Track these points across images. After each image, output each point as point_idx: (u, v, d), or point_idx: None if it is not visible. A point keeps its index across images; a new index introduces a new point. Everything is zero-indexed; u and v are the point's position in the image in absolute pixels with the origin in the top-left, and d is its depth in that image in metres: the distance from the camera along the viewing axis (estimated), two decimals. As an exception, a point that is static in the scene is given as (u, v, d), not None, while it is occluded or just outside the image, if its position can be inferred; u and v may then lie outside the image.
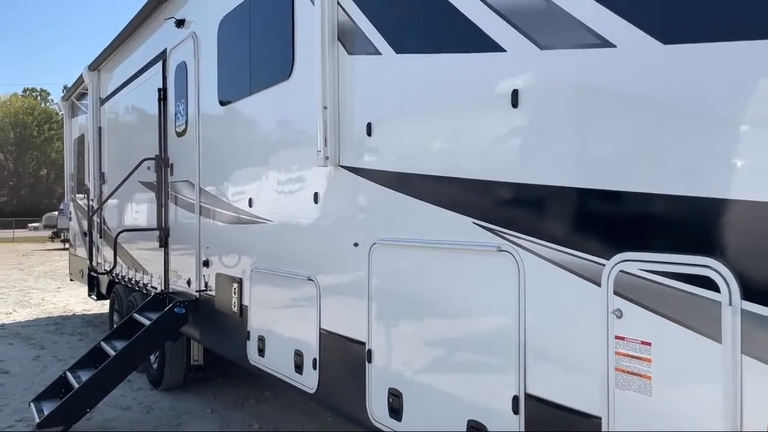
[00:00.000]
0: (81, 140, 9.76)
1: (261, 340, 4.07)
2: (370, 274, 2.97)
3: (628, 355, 1.80)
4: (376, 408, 2.93)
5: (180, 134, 5.53)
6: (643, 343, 1.76)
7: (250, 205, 4.23)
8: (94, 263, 7.28)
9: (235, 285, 4.43)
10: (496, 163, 2.26)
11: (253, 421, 5.27)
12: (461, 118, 2.44)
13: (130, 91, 7.05)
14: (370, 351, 2.96)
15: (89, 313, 11.13)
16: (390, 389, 2.83)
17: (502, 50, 2.22)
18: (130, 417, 5.47)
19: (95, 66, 8.36)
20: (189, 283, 5.34)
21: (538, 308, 2.11)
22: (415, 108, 2.72)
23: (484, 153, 2.31)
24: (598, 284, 1.88)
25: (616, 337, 1.84)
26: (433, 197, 2.58)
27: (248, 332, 4.22)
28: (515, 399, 2.17)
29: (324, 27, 3.21)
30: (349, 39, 3.13)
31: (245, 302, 4.31)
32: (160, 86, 5.91)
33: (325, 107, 3.20)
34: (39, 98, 75.86)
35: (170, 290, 5.74)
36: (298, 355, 3.59)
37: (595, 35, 1.90)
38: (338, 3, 3.19)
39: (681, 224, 1.67)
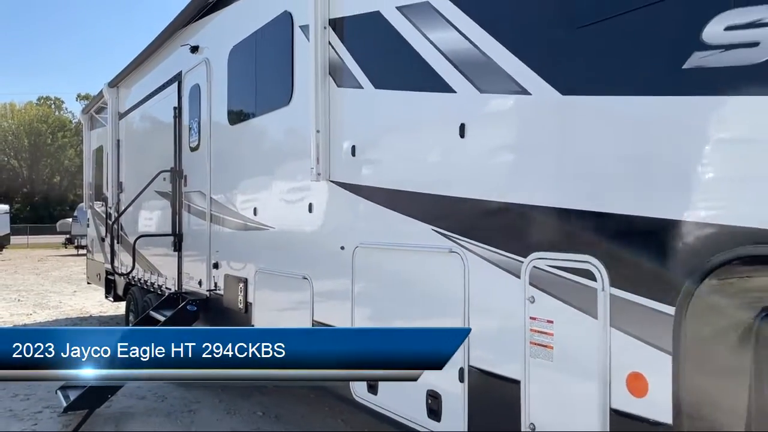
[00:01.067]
0: (99, 151, 10.42)
1: (263, 332, 4.63)
2: (354, 273, 3.53)
3: (538, 331, 2.35)
4: (358, 387, 3.49)
5: (193, 149, 6.13)
6: (548, 321, 2.31)
7: (255, 214, 4.81)
8: (114, 266, 7.88)
9: (241, 284, 5.00)
10: (447, 181, 2.82)
11: (258, 409, 5.82)
12: (423, 144, 3.01)
13: (148, 107, 7.68)
14: (352, 337, 3.52)
15: (105, 314, 11.74)
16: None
17: (453, 91, 2.79)
18: (146, 405, 6.04)
19: (114, 83, 9.01)
20: (200, 283, 5.92)
21: (478, 297, 2.66)
22: (389, 134, 3.29)
23: (439, 173, 2.87)
24: (519, 277, 2.43)
25: (530, 318, 2.38)
26: (403, 208, 3.14)
27: (252, 325, 4.79)
28: (461, 370, 2.72)
29: (317, 63, 3.79)
30: (338, 74, 3.71)
31: (250, 300, 4.88)
32: (176, 105, 6.52)
33: (318, 131, 3.77)
34: (53, 106, 77.04)
35: (183, 290, 6.32)
36: (295, 344, 4.15)
37: (518, 84, 2.46)
38: (329, 43, 3.77)
39: (570, 231, 2.22)
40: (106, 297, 9.91)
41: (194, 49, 6.05)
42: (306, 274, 4.04)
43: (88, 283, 12.12)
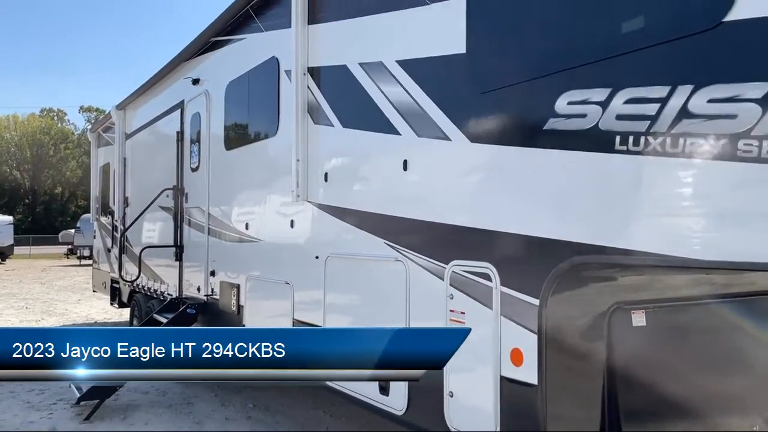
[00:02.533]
0: (106, 168, 11.20)
1: (253, 330, 5.37)
2: (326, 278, 4.27)
3: (455, 321, 3.09)
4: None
5: (194, 169, 6.89)
6: (461, 312, 3.05)
7: (247, 228, 5.57)
8: (121, 274, 8.62)
9: (234, 290, 5.74)
10: (395, 204, 3.57)
11: (249, 402, 6.53)
12: (377, 174, 3.77)
13: (153, 130, 8.46)
14: (324, 331, 4.26)
15: (109, 321, 12.46)
16: (336, 357, 4.11)
17: (399, 134, 3.55)
18: (150, 399, 6.75)
19: (122, 106, 9.80)
20: (199, 289, 6.66)
21: (416, 295, 3.40)
22: (352, 165, 4.05)
23: (389, 197, 3.63)
24: (443, 279, 3.17)
25: (450, 310, 3.12)
26: (363, 225, 3.89)
27: (243, 325, 5.52)
28: (404, 354, 3.45)
29: (298, 102, 4.55)
30: (314, 113, 4.47)
31: (242, 303, 5.62)
32: (179, 130, 7.29)
33: (298, 160, 4.53)
34: (56, 118, 77.83)
35: (183, 296, 7.06)
36: (278, 339, 4.88)
37: (442, 132, 3.21)
38: (308, 86, 4.54)
39: (475, 244, 2.97)
40: (111, 304, 10.63)
41: (195, 81, 6.83)
42: (288, 279, 4.79)
43: (94, 291, 12.85)
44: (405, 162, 3.49)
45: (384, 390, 3.60)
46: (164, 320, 6.64)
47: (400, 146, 3.54)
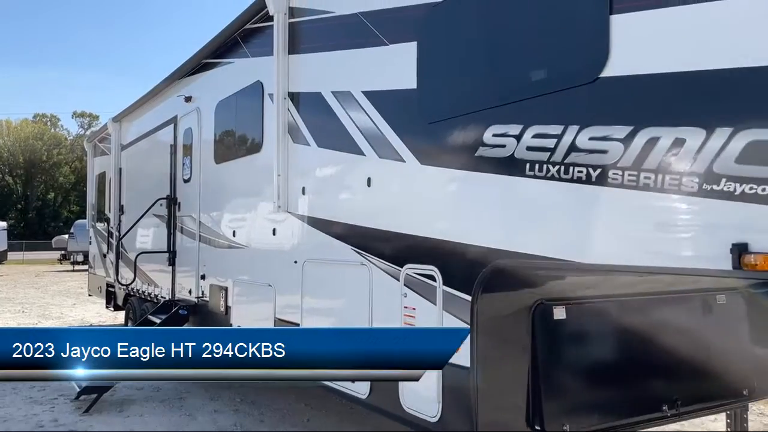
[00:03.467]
0: (102, 176, 11.70)
1: (239, 328, 5.90)
2: (303, 280, 4.81)
3: (408, 315, 3.63)
4: (305, 363, 4.74)
5: (186, 181, 7.42)
6: (412, 308, 3.59)
7: (234, 235, 6.10)
8: (117, 279, 9.13)
9: (223, 292, 6.27)
10: (360, 216, 4.12)
11: (237, 396, 7.04)
12: (346, 189, 4.32)
13: (147, 142, 8.98)
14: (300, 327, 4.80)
15: (104, 323, 12.93)
16: (312, 350, 4.65)
17: (364, 155, 4.10)
18: (144, 394, 7.25)
19: (118, 118, 10.32)
20: (190, 292, 7.17)
21: (377, 294, 3.94)
22: (325, 180, 4.60)
23: (355, 210, 4.17)
24: (398, 280, 3.72)
25: (404, 306, 3.67)
26: (334, 234, 4.43)
27: (231, 324, 6.05)
28: (367, 345, 3.98)
29: (279, 123, 5.09)
30: (293, 133, 5.01)
31: (229, 303, 6.14)
32: (172, 143, 7.82)
33: (279, 174, 5.07)
34: (49, 123, 77.93)
35: (176, 298, 7.57)
36: (262, 336, 5.42)
37: (398, 155, 3.76)
38: (288, 109, 5.09)
39: (423, 250, 3.52)
40: (107, 307, 11.12)
41: (188, 98, 7.37)
42: (270, 282, 5.32)
43: (90, 295, 13.31)
44: (369, 179, 4.04)
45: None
46: (158, 320, 7.15)
47: (365, 165, 4.09)
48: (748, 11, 2.21)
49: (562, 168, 2.68)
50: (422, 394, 3.50)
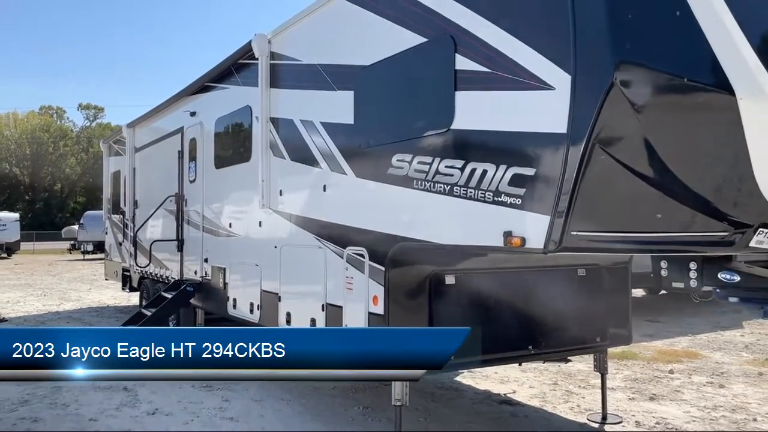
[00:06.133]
0: (116, 174, 13.30)
1: (234, 300, 7.50)
2: (281, 261, 6.39)
3: (348, 283, 5.20)
4: (282, 321, 6.33)
5: (192, 181, 9.00)
6: (351, 278, 5.16)
7: (230, 226, 7.68)
8: (136, 263, 10.76)
9: (222, 271, 7.85)
10: (318, 212, 5.69)
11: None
12: (310, 193, 5.89)
13: (158, 147, 10.55)
14: (279, 296, 6.38)
15: (120, 305, 14.57)
16: (287, 312, 6.24)
17: (321, 168, 5.66)
18: (158, 356, 8.86)
19: (132, 125, 11.90)
20: (195, 273, 8.77)
21: (330, 269, 5.51)
22: (296, 186, 6.17)
23: (315, 207, 5.74)
24: (343, 258, 5.29)
25: (346, 277, 5.23)
26: (302, 225, 6.00)
27: (228, 297, 7.65)
28: (324, 306, 5.57)
29: (262, 141, 6.65)
30: (274, 149, 6.57)
31: (227, 281, 7.74)
32: (180, 149, 9.39)
33: (263, 180, 6.63)
34: (55, 115, 79.22)
35: (184, 278, 9.16)
36: (251, 304, 7.01)
37: (342, 169, 5.32)
38: (270, 130, 6.64)
39: (357, 236, 5.08)
40: (123, 289, 12.75)
41: (193, 113, 8.93)
42: (257, 262, 6.91)
43: (106, 279, 14.94)
44: (324, 186, 5.61)
45: (313, 329, 5.73)
46: (169, 296, 8.76)
47: (322, 176, 5.66)
48: (534, 101, 3.71)
49: (431, 184, 4.24)
50: (357, 336, 5.09)
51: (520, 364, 7.66)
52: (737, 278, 3.65)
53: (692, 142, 3.11)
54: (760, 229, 3.29)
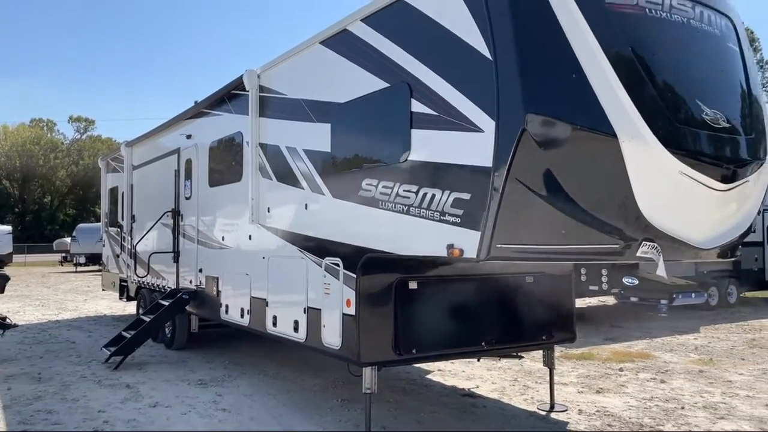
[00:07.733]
0: (114, 190, 14.08)
1: (227, 306, 8.31)
2: (268, 270, 7.21)
3: (325, 290, 6.04)
4: (269, 324, 7.14)
5: (187, 198, 9.82)
6: (328, 284, 6.00)
7: (223, 239, 8.50)
8: (133, 274, 11.51)
9: (215, 280, 8.66)
10: (301, 227, 6.53)
11: (227, 360, 9.43)
12: (294, 210, 6.74)
13: (155, 166, 11.37)
14: (267, 301, 7.20)
15: (116, 314, 15.29)
16: (274, 316, 7.06)
17: (303, 189, 6.51)
18: (156, 359, 9.63)
19: (130, 144, 12.71)
20: (191, 282, 9.57)
21: (311, 278, 6.35)
22: (281, 204, 7.02)
23: (298, 223, 6.59)
24: (321, 267, 6.13)
25: (324, 284, 6.07)
26: (287, 239, 6.84)
27: (221, 303, 8.45)
28: (305, 309, 6.40)
29: (252, 163, 7.50)
30: (262, 170, 7.42)
31: (220, 289, 8.55)
32: (176, 169, 10.21)
33: (252, 198, 7.47)
34: (45, 128, 79.48)
35: (180, 287, 9.96)
36: (242, 310, 7.82)
37: (321, 190, 6.18)
38: (259, 154, 7.49)
39: (333, 248, 5.93)
40: (120, 298, 13.49)
41: (188, 136, 9.78)
42: (247, 272, 7.73)
43: (103, 290, 15.67)
44: (306, 204, 6.47)
45: (296, 330, 6.56)
46: (166, 303, 9.54)
47: (304, 195, 6.51)
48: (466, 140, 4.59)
49: (393, 204, 5.11)
50: (331, 332, 5.92)
51: (478, 360, 8.53)
52: (637, 282, 4.52)
53: (586, 175, 3.99)
54: (644, 242, 4.16)
